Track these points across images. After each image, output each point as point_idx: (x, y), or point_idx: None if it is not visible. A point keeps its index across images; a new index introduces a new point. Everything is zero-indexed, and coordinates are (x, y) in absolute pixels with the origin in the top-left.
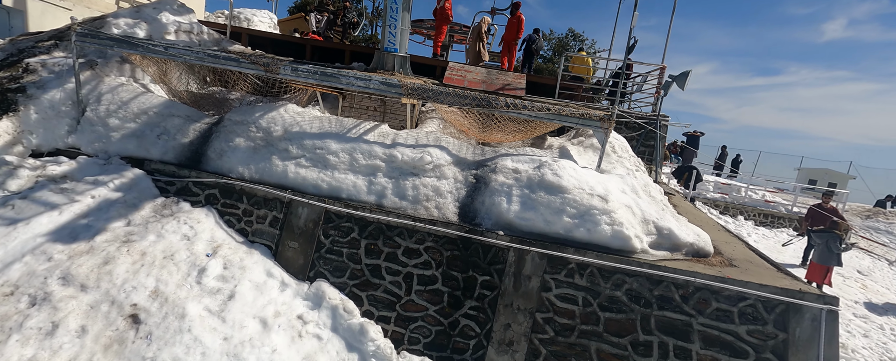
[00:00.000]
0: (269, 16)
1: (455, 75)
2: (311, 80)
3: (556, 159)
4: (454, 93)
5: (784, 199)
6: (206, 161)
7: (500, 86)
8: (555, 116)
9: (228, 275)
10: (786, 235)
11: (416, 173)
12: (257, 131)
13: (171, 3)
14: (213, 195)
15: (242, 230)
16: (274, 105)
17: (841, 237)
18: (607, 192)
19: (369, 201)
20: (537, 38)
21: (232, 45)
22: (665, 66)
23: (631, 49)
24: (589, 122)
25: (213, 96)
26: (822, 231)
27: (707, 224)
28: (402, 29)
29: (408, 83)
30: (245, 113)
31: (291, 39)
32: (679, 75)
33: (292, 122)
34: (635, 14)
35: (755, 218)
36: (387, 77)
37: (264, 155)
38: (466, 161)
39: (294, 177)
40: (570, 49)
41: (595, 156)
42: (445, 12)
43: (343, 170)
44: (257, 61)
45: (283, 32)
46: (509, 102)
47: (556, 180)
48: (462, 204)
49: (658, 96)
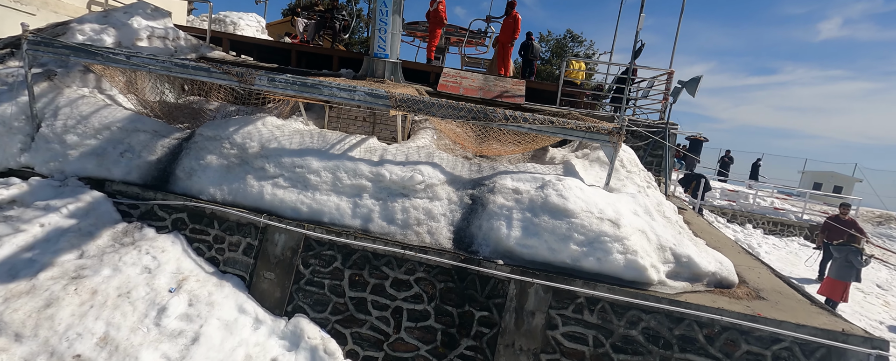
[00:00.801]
0: (256, 19)
1: (450, 82)
2: (290, 92)
3: (560, 177)
4: (447, 105)
5: (793, 206)
6: (175, 181)
7: (498, 94)
8: (559, 130)
9: (194, 314)
10: (797, 244)
11: (405, 194)
12: (231, 148)
13: (144, 6)
14: (181, 219)
15: (213, 259)
16: (250, 118)
17: (861, 251)
18: (619, 216)
19: (354, 225)
20: (532, 43)
21: (211, 51)
22: (673, 71)
23: (637, 53)
24: (596, 136)
25: (190, 106)
26: (840, 244)
27: (725, 244)
28: (393, 33)
29: (396, 94)
30: (218, 127)
31: (276, 44)
32: (689, 81)
33: (270, 138)
34: (642, 16)
35: (764, 226)
36: (373, 87)
37: (238, 174)
38: (461, 179)
39: (271, 200)
40: (568, 50)
41: (602, 172)
42: (439, 15)
43: (325, 191)
44: (230, 71)
45: (272, 36)
46: (509, 114)
47: (561, 202)
48: (457, 229)
49: (666, 103)
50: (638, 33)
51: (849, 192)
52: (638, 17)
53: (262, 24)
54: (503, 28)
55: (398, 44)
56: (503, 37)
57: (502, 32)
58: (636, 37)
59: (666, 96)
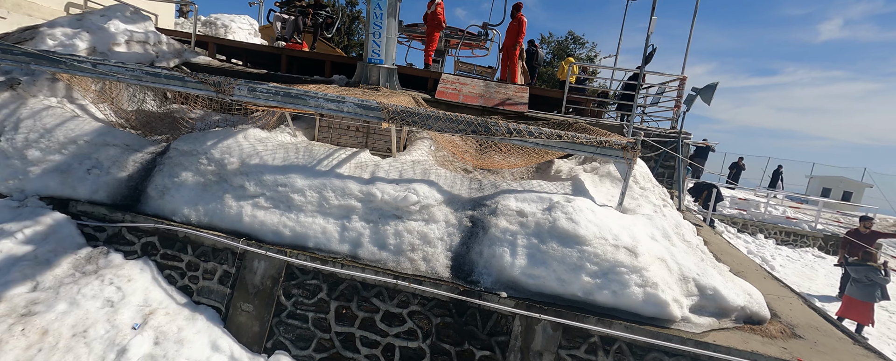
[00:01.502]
0: (249, 22)
1: (448, 88)
2: (273, 103)
3: (569, 198)
4: (445, 118)
5: (806, 214)
6: (146, 200)
7: (500, 101)
8: (567, 145)
9: (160, 354)
10: (811, 256)
11: (399, 215)
12: (209, 163)
13: (123, 9)
14: (152, 244)
15: (185, 288)
16: (230, 130)
17: (881, 267)
18: (636, 242)
19: (342, 251)
20: (537, 51)
21: (196, 56)
22: (686, 77)
23: (649, 58)
24: (609, 152)
25: (171, 116)
26: (856, 263)
27: (749, 268)
28: (388, 38)
29: (388, 106)
30: (195, 141)
31: (265, 49)
32: (704, 88)
33: (251, 152)
34: (653, 19)
35: (776, 236)
36: (364, 98)
37: (216, 193)
38: (460, 199)
39: (250, 222)
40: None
41: (613, 188)
42: (437, 17)
43: (310, 213)
44: (206, 80)
45: (265, 39)
46: (512, 128)
47: (571, 227)
48: (455, 255)
49: (677, 111)
50: (649, 37)
51: (859, 199)
52: (649, 19)
53: (255, 26)
54: (508, 32)
55: (394, 48)
56: (507, 41)
57: (506, 37)
58: (647, 41)
59: (678, 103)
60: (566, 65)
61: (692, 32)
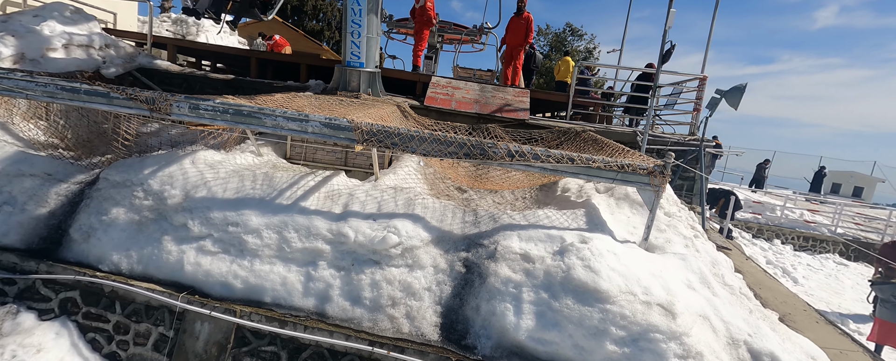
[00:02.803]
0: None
1: (439, 94)
2: (221, 122)
3: (584, 236)
4: (431, 139)
5: (824, 216)
6: (68, 244)
7: (498, 107)
8: (582, 169)
9: None
10: (832, 263)
11: (377, 260)
12: (145, 197)
13: (61, 8)
14: (72, 300)
15: (113, 356)
16: (174, 154)
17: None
18: (672, 297)
19: (306, 307)
20: (535, 53)
21: (152, 61)
22: (706, 77)
23: (667, 56)
24: (632, 178)
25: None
26: (881, 281)
27: (796, 308)
28: (369, 37)
29: (362, 125)
30: (129, 168)
31: (233, 51)
32: (730, 90)
33: (198, 182)
34: (672, 12)
35: (794, 241)
36: (333, 116)
37: (152, 234)
38: (452, 236)
39: (193, 271)
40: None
41: (634, 215)
42: (427, 13)
43: (267, 259)
44: (136, 96)
45: (243, 38)
46: (514, 150)
47: (589, 279)
48: (446, 310)
49: (697, 115)
50: (666, 32)
51: (870, 194)
52: (652, 10)
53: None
54: (512, 31)
55: (376, 49)
56: (512, 40)
57: (510, 35)
58: (664, 37)
59: (697, 106)
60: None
61: (713, 24)
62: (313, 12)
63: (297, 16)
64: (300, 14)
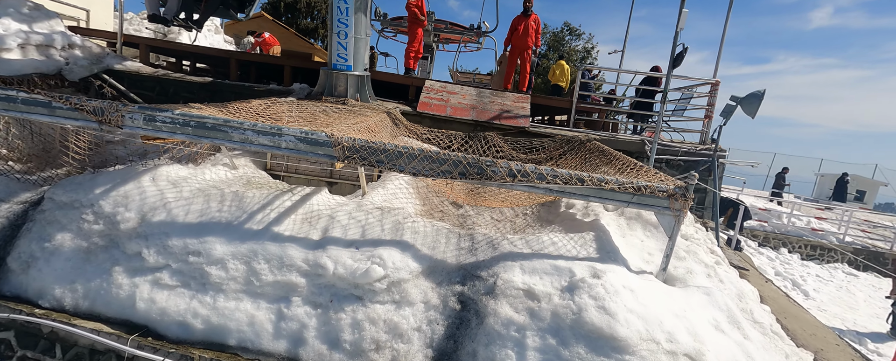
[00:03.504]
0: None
1: (434, 99)
2: (181, 136)
3: (596, 269)
4: (422, 156)
5: (830, 224)
6: (5, 276)
7: (497, 114)
8: (592, 192)
9: None
10: (841, 273)
11: (359, 296)
12: (96, 221)
13: (17, 4)
14: (6, 342)
15: None
16: (132, 170)
17: None
18: (700, 344)
19: (276, 351)
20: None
21: (122, 61)
22: (718, 82)
23: (679, 59)
24: (650, 202)
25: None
26: None
27: (829, 343)
28: (357, 38)
29: (343, 140)
30: (79, 187)
31: (211, 51)
32: (747, 97)
33: (157, 203)
34: (684, 12)
35: (801, 250)
36: (309, 130)
37: (102, 265)
38: (445, 267)
39: (147, 309)
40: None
41: (648, 238)
42: (412, 11)
43: (233, 294)
44: (83, 106)
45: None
46: (516, 170)
47: (604, 323)
48: (438, 355)
49: (708, 122)
50: (678, 34)
51: (872, 198)
52: (678, 13)
53: (216, 22)
54: (519, 32)
55: (365, 51)
56: (520, 42)
57: (516, 38)
58: (675, 38)
59: (709, 113)
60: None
61: (727, 25)
62: (307, 10)
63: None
64: (294, 11)
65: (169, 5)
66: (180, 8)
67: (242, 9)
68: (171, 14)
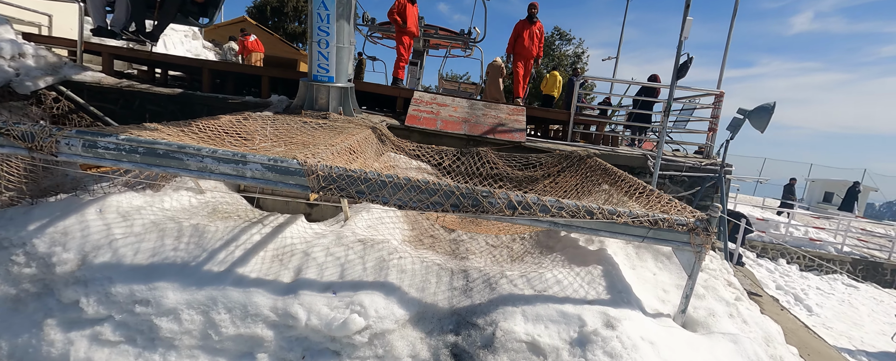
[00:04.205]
0: None
1: (423, 112)
2: (127, 164)
3: (609, 317)
4: (409, 186)
5: (827, 232)
6: None
7: (490, 128)
8: (603, 226)
9: None
10: (841, 284)
11: (336, 350)
12: (28, 263)
13: None
14: None
15: None
16: (76, 201)
17: None
18: None
19: None
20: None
21: (82, 71)
22: (723, 93)
23: (683, 70)
24: (668, 237)
25: None
26: None
27: None
28: (339, 47)
29: (318, 168)
30: (10, 223)
31: (183, 60)
32: (756, 110)
33: (101, 242)
34: (688, 20)
35: (799, 261)
36: (278, 157)
37: (32, 316)
38: (436, 311)
39: None
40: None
41: (661, 270)
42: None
43: (187, 350)
44: (9, 132)
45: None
46: (517, 201)
47: None
48: None
49: (712, 135)
50: (682, 43)
51: (863, 202)
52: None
53: (194, 28)
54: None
55: (348, 61)
56: (524, 51)
57: (522, 46)
58: (679, 48)
59: (713, 126)
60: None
61: (731, 33)
62: (294, 13)
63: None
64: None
65: (116, 16)
66: (130, 18)
67: (205, 14)
68: (120, 26)
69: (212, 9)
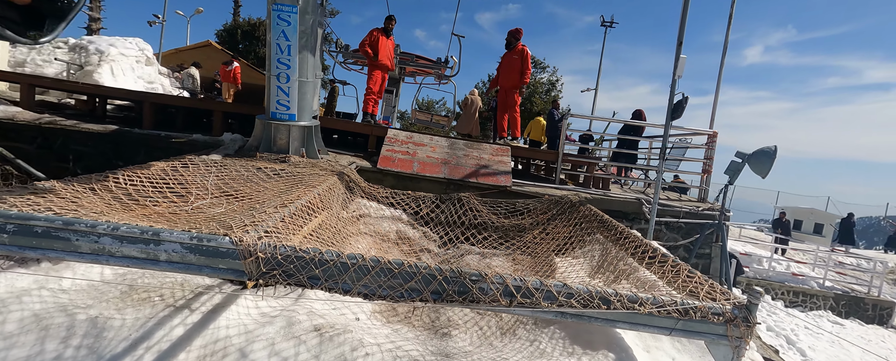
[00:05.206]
0: (139, 46)
1: (398, 153)
2: None
3: None
4: (378, 269)
5: (806, 264)
6: None
7: (473, 171)
8: (622, 316)
9: None
10: (826, 321)
11: None
12: None
13: None
14: None
15: None
16: None
17: None
18: None
19: None
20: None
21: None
22: (716, 133)
23: (679, 109)
24: (700, 329)
25: None
26: None
27: None
28: (302, 81)
29: (258, 247)
30: None
31: (118, 93)
32: (756, 154)
33: None
34: (682, 58)
35: (784, 297)
36: (205, 235)
37: None
38: None
39: None
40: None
41: (675, 348)
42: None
43: None
44: None
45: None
46: (514, 286)
47: None
48: None
49: (706, 177)
50: (675, 82)
51: (829, 231)
52: (680, 61)
53: (148, 52)
54: (504, 70)
55: (314, 96)
56: (505, 82)
57: (503, 76)
58: (673, 87)
59: (707, 168)
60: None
61: (721, 76)
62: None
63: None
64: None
65: None
66: None
67: (35, 25)
68: None
69: (52, 20)
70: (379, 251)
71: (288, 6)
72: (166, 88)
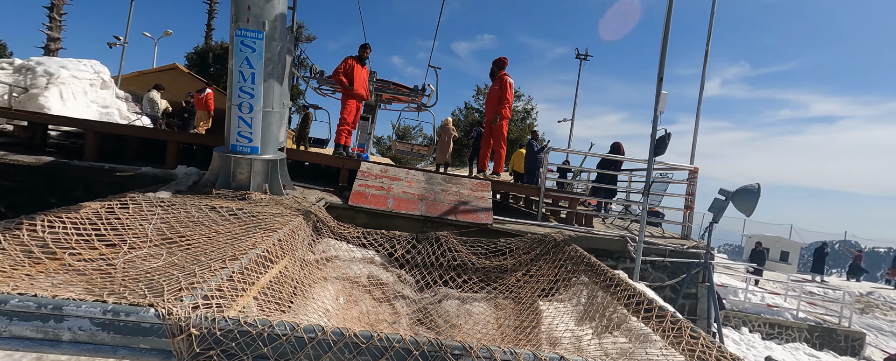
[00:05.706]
0: (95, 68)
1: (372, 189)
2: None
3: None
4: (342, 344)
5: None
6: None
7: (451, 207)
8: None
9: None
10: (803, 354)
11: None
12: None
13: None
14: None
15: None
16: None
17: None
18: None
19: None
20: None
21: None
22: (697, 169)
23: (661, 146)
24: None
25: None
26: None
27: None
28: (266, 111)
29: (194, 322)
30: None
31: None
32: (739, 192)
33: None
34: (663, 94)
35: (761, 329)
36: (123, 307)
37: None
38: None
39: None
40: None
41: None
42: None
43: None
44: None
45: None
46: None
47: None
48: None
49: (689, 213)
50: (656, 118)
51: (795, 258)
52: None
53: (104, 75)
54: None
55: (280, 127)
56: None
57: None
58: (655, 122)
59: (689, 204)
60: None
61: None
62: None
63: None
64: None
65: None
66: None
67: None
68: None
69: None
70: (348, 300)
71: (252, 31)
72: (123, 114)
